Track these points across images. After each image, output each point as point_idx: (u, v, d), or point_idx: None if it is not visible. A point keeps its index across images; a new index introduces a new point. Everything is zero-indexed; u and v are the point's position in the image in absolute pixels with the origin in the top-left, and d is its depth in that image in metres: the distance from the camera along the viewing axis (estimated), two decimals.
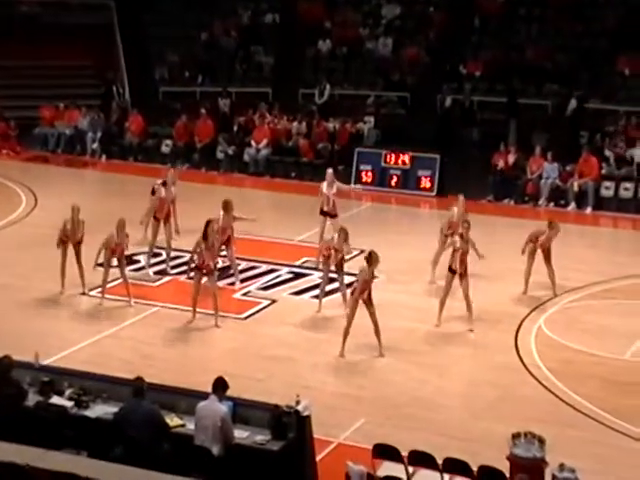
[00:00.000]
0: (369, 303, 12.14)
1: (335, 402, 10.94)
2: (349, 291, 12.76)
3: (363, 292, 12.10)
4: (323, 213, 15.85)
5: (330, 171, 16.25)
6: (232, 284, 14.42)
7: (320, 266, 14.02)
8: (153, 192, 15.61)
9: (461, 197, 15.14)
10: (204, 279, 13.10)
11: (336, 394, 11.23)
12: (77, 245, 13.97)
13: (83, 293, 13.95)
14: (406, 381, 11.64)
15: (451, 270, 13.04)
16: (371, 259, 12.08)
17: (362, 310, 12.52)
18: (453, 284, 13.05)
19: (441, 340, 12.83)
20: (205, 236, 12.97)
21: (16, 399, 9.06)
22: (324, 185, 15.91)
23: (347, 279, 13.54)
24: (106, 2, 26.54)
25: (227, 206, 14.33)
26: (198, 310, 13.18)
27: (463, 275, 13.02)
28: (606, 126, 21.21)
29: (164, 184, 15.55)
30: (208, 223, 13.23)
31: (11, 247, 16.09)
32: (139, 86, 25.13)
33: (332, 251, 13.47)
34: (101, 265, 13.74)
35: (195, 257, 13.19)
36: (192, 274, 13.38)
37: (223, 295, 13.76)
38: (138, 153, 22.85)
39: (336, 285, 13.83)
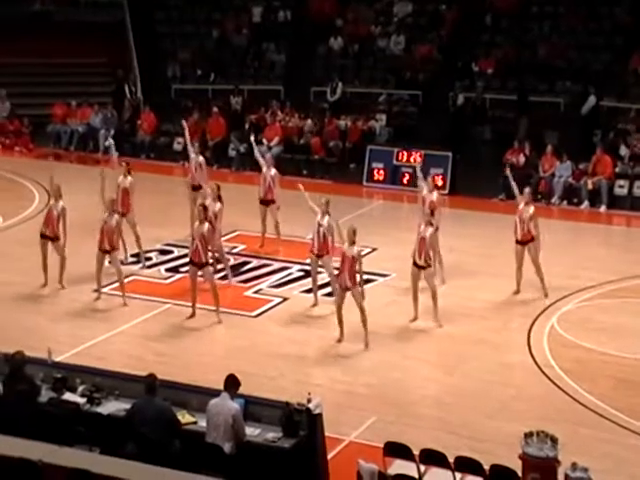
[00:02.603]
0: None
1: (346, 400, 10.93)
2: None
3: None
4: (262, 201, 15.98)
5: (269, 155, 16.69)
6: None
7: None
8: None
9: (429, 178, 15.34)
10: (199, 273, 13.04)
11: (347, 392, 11.22)
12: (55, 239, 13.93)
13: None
14: (417, 380, 11.62)
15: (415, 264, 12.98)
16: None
17: (372, 306, 12.51)
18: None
19: (453, 338, 12.80)
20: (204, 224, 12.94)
21: (29, 395, 9.08)
22: (264, 169, 16.13)
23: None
24: (118, 0, 26.61)
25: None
26: (211, 308, 13.22)
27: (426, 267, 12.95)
28: (619, 124, 21.12)
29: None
30: (205, 208, 13.25)
31: (23, 244, 16.11)
32: (151, 84, 25.16)
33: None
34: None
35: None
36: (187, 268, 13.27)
37: (234, 293, 13.77)
38: (150, 151, 22.89)
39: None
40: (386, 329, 12.45)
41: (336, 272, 12.74)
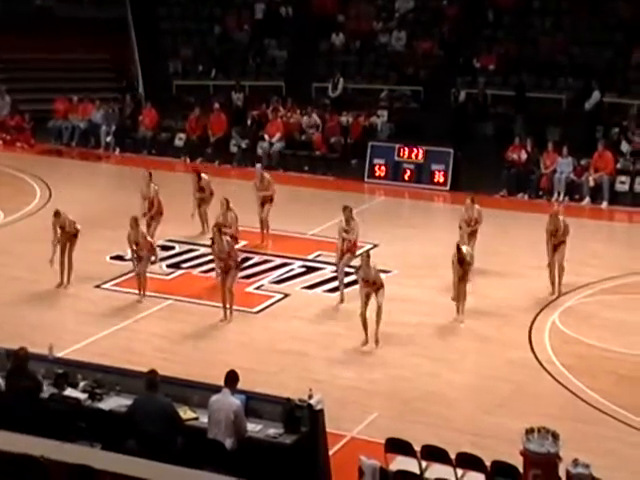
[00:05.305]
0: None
1: (348, 396, 10.94)
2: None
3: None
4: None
5: (258, 166, 17.27)
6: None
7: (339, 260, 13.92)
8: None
9: (468, 200, 15.03)
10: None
11: (349, 388, 11.22)
12: (73, 237, 13.90)
13: (61, 285, 13.95)
14: (419, 376, 11.62)
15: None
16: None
17: (374, 302, 12.48)
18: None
19: (454, 335, 12.80)
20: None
21: (32, 391, 9.08)
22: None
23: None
24: None
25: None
26: (212, 304, 13.22)
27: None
28: (622, 120, 21.10)
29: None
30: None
31: (24, 240, 16.13)
32: (153, 80, 25.15)
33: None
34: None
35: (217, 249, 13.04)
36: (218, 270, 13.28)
37: (236, 289, 13.76)
38: (151, 146, 22.89)
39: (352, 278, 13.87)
40: (388, 325, 12.44)
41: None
